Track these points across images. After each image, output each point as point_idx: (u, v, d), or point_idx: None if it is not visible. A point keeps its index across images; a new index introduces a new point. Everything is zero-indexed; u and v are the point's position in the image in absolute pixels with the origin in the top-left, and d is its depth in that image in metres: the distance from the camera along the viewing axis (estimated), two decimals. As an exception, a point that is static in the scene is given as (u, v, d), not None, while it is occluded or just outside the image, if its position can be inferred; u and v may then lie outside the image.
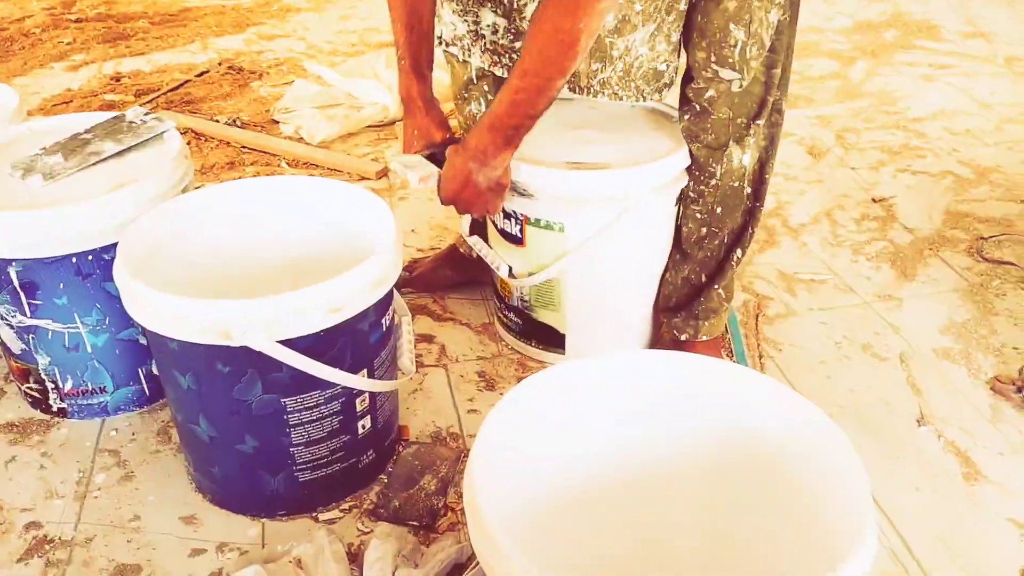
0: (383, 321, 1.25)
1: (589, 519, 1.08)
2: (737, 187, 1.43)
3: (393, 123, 2.50)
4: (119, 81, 2.85)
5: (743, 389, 1.02)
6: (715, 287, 1.51)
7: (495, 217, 1.49)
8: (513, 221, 1.47)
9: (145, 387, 1.46)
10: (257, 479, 1.25)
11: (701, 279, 1.51)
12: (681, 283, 1.53)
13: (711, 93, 1.36)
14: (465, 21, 1.40)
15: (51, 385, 1.42)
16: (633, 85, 1.36)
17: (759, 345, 1.64)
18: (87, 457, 1.39)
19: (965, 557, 1.22)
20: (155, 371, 1.41)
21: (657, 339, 1.61)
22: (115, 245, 1.23)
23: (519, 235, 1.48)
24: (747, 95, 1.37)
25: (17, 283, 1.32)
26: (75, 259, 1.31)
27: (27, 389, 1.46)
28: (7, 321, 1.37)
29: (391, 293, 1.27)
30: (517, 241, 1.49)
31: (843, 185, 2.22)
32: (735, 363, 1.39)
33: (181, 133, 1.53)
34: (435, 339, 1.65)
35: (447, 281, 1.78)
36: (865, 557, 0.79)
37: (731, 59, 1.32)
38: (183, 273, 1.30)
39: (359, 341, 1.21)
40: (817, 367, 1.59)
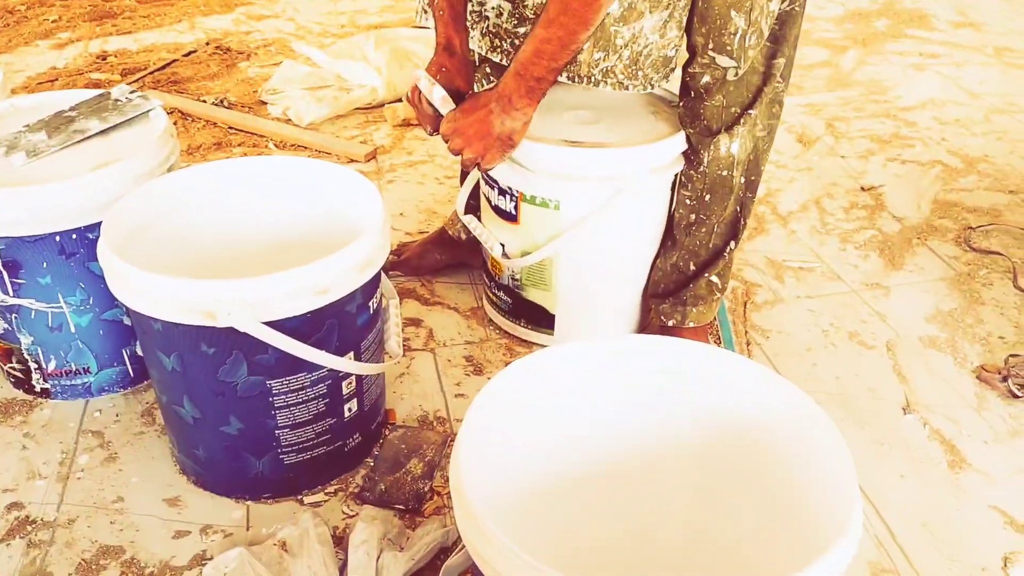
0: (370, 304, 1.25)
1: (575, 502, 1.09)
2: (726, 176, 1.43)
3: (382, 105, 2.48)
4: (105, 60, 2.82)
5: (730, 374, 1.02)
6: (705, 275, 1.51)
7: (491, 194, 1.47)
8: (508, 198, 1.47)
9: (129, 368, 1.45)
10: (242, 461, 1.24)
11: (690, 267, 1.51)
12: (670, 269, 1.52)
13: (707, 79, 1.35)
14: (470, 1, 1.39)
15: (34, 365, 1.41)
16: (641, 74, 1.34)
17: (746, 332, 1.64)
18: (70, 438, 1.38)
19: (949, 544, 1.23)
20: (139, 352, 1.40)
21: (646, 324, 1.61)
22: (99, 224, 1.22)
23: (513, 212, 1.47)
24: (743, 84, 1.36)
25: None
26: (59, 238, 1.29)
27: (10, 369, 1.45)
28: (-11, 300, 1.36)
29: (379, 276, 1.26)
30: (511, 218, 1.48)
31: (832, 173, 2.22)
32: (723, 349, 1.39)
33: (168, 113, 1.51)
34: (423, 323, 1.65)
35: (436, 264, 1.77)
36: (851, 542, 0.79)
37: (729, 46, 1.31)
38: (168, 253, 1.29)
39: (346, 323, 1.20)
40: (804, 354, 1.59)
